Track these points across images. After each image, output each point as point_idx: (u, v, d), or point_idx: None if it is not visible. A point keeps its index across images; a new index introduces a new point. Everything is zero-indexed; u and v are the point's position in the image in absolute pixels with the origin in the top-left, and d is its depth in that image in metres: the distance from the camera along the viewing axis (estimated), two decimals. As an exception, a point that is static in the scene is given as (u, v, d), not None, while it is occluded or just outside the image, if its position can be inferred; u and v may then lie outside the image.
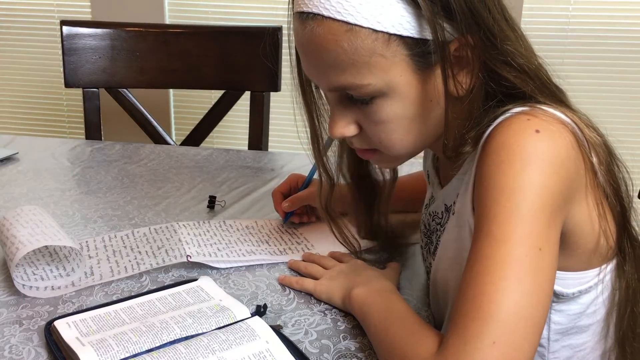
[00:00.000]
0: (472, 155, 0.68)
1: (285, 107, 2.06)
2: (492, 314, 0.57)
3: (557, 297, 0.72)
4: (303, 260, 0.89)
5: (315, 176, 0.94)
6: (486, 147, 0.64)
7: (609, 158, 0.69)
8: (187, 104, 2.16)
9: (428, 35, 0.64)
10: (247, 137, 1.58)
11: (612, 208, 0.70)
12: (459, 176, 0.73)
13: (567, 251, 0.69)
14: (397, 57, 0.65)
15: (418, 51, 0.65)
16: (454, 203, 0.74)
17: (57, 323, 0.70)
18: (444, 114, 0.68)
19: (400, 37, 0.64)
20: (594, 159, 0.67)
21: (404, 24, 0.63)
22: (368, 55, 0.65)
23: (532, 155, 0.61)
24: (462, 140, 0.69)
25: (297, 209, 1.00)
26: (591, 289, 0.72)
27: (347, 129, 0.72)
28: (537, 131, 0.62)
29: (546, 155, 0.61)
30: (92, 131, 1.58)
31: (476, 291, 0.59)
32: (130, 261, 0.87)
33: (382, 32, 0.64)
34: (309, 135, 0.81)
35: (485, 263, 0.59)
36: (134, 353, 0.65)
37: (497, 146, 0.63)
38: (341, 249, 0.91)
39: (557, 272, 0.68)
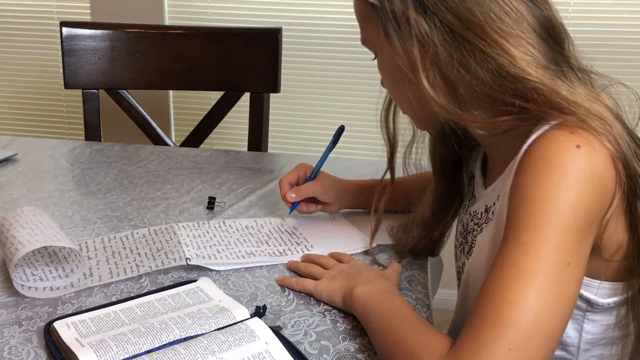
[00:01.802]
0: (513, 161, 0.68)
1: (285, 108, 2.08)
2: (512, 321, 0.57)
3: (592, 306, 0.72)
4: (302, 261, 0.89)
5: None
6: (526, 157, 0.64)
7: None
8: (186, 105, 2.16)
9: (385, 3, 0.70)
10: (246, 138, 1.58)
11: None
12: (504, 176, 0.73)
13: (603, 264, 0.68)
14: (373, 20, 0.73)
15: (382, 17, 0.71)
16: (494, 204, 0.74)
17: (56, 324, 0.70)
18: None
19: (369, 2, 0.73)
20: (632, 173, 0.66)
21: None
22: (360, 16, 0.77)
23: (571, 169, 0.61)
24: (479, 124, 0.70)
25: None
26: (627, 301, 0.71)
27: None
28: (578, 146, 0.62)
29: (585, 171, 0.61)
30: (92, 132, 1.58)
31: (498, 297, 0.59)
32: (129, 263, 0.87)
33: None
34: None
35: (512, 270, 0.60)
36: (134, 354, 0.65)
37: (537, 157, 0.63)
38: (341, 249, 0.91)
39: (594, 280, 0.69)
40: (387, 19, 0.70)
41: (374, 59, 0.78)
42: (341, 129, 1.01)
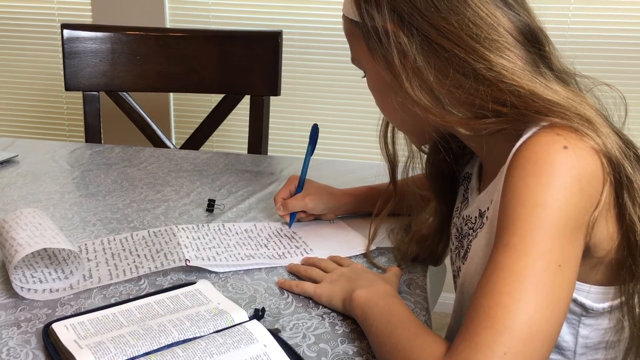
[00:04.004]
0: (504, 165, 0.68)
1: (285, 111, 2.08)
2: (506, 324, 0.57)
3: (587, 311, 0.72)
4: (302, 264, 0.89)
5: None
6: (514, 160, 0.65)
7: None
8: (187, 108, 2.17)
9: (365, 19, 0.73)
10: (246, 140, 1.58)
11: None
12: (496, 180, 0.73)
13: (595, 266, 0.69)
14: (358, 37, 0.75)
15: (364, 34, 0.73)
16: (488, 209, 0.75)
17: (55, 326, 0.70)
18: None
19: (353, 20, 0.75)
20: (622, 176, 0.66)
21: (348, 7, 0.76)
22: (348, 35, 0.79)
23: (558, 170, 0.61)
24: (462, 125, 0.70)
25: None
26: (622, 306, 0.71)
27: None
28: (565, 147, 0.62)
29: (573, 172, 0.62)
30: (92, 134, 1.58)
31: (491, 301, 0.59)
32: (129, 264, 0.87)
33: (344, 15, 0.77)
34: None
35: (503, 274, 0.60)
36: (132, 356, 0.65)
37: (524, 160, 0.63)
38: (340, 253, 0.92)
39: (587, 285, 0.69)
40: (368, 34, 0.72)
41: (364, 76, 0.80)
42: (315, 129, 1.01)
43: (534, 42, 0.69)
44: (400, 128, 0.84)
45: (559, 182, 0.61)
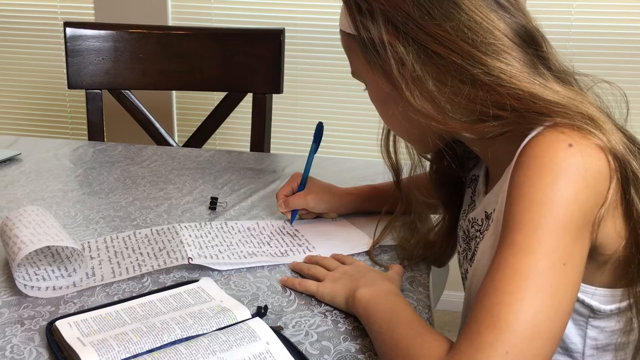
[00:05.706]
0: (509, 166, 0.68)
1: (287, 109, 2.08)
2: (509, 324, 0.57)
3: (594, 313, 0.71)
4: (305, 262, 0.89)
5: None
6: (520, 158, 0.64)
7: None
8: (189, 106, 2.17)
9: (361, 32, 0.72)
10: (249, 138, 1.58)
11: None
12: (501, 181, 0.73)
13: (602, 266, 0.68)
14: (356, 50, 0.75)
15: (361, 46, 0.73)
16: (494, 210, 0.74)
17: (58, 323, 0.70)
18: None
19: (349, 34, 0.75)
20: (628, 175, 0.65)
21: (343, 21, 0.76)
22: (346, 49, 0.79)
23: (564, 168, 0.61)
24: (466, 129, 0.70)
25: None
26: (631, 307, 0.71)
27: None
28: (570, 145, 0.62)
29: (578, 170, 0.61)
30: (95, 132, 1.58)
31: (494, 300, 0.59)
32: (131, 262, 0.87)
33: (341, 29, 0.77)
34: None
35: (507, 272, 0.59)
36: (135, 353, 0.65)
37: (529, 158, 0.63)
38: (343, 251, 0.92)
39: (592, 287, 0.69)
40: (365, 46, 0.72)
41: (365, 89, 0.80)
42: (320, 127, 1.01)
43: (531, 43, 0.69)
44: (404, 137, 0.84)
45: (564, 180, 0.61)
